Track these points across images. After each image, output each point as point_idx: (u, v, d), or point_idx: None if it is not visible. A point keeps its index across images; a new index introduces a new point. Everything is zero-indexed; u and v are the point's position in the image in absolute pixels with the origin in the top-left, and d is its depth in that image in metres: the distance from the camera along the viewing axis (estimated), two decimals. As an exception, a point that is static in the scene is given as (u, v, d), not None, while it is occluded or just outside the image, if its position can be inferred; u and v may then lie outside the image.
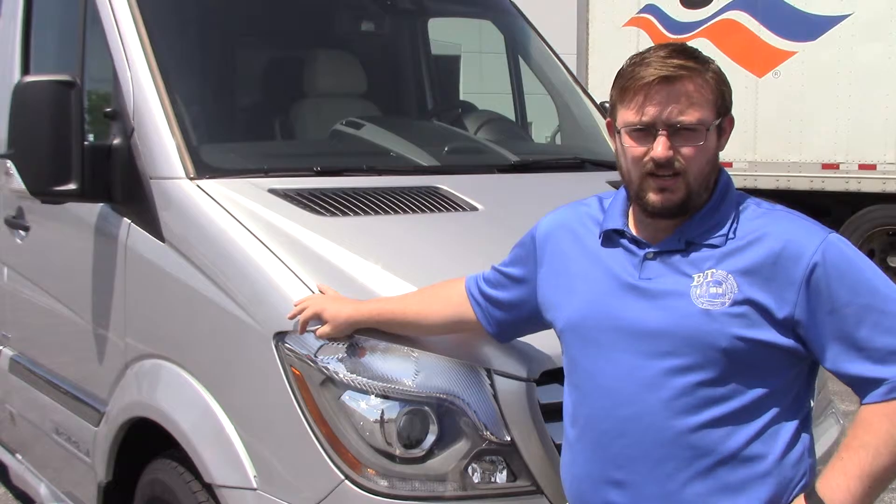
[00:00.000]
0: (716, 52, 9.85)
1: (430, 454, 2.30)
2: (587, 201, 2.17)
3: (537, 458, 2.33)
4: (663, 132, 1.88)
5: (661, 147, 1.88)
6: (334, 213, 2.81)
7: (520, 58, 4.74)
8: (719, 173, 2.00)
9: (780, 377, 1.89)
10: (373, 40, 4.69)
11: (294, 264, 2.55)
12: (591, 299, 2.01)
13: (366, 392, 2.33)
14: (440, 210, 2.99)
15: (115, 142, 3.06)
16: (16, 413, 4.14)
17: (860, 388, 1.85)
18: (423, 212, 2.95)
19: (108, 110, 3.15)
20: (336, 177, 3.15)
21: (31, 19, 4.01)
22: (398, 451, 2.30)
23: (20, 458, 4.20)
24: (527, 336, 2.36)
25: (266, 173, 3.04)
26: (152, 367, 2.93)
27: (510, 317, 2.28)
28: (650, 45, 2.05)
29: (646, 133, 1.90)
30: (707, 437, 1.86)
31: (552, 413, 2.30)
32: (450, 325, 2.36)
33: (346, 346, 2.37)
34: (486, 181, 3.40)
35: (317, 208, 2.81)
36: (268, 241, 2.62)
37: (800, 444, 1.92)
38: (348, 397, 2.34)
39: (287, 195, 2.86)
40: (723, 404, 1.86)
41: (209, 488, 2.62)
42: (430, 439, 2.31)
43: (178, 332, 2.87)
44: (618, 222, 2.03)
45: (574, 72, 5.54)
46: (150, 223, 2.94)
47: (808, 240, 1.86)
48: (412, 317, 2.34)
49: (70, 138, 2.90)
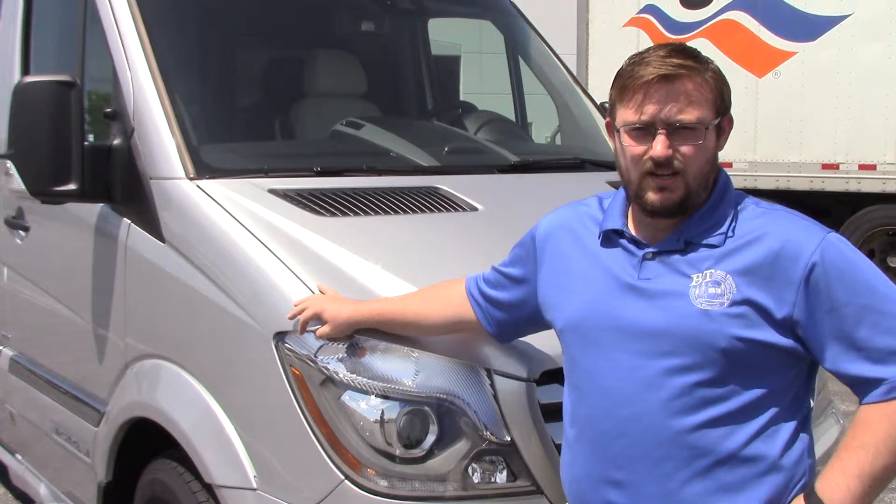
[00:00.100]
0: (716, 53, 9.84)
1: (430, 454, 2.30)
2: (587, 201, 2.17)
3: (537, 459, 2.33)
4: (662, 131, 1.88)
5: (660, 146, 1.88)
6: (334, 214, 2.81)
7: (520, 58, 4.73)
8: (718, 173, 1.99)
9: (779, 377, 1.89)
10: (373, 40, 4.69)
11: (294, 264, 2.55)
12: (590, 299, 2.01)
13: (366, 392, 2.33)
14: (440, 210, 2.99)
15: (115, 142, 3.07)
16: (16, 413, 4.14)
17: (859, 388, 1.85)
18: (423, 212, 2.95)
19: (108, 110, 3.15)
20: (336, 177, 3.15)
21: (31, 19, 4.01)
22: (398, 451, 2.30)
23: (20, 458, 4.20)
24: (527, 336, 2.36)
25: (266, 173, 3.04)
26: (152, 367, 2.93)
27: (510, 317, 2.28)
28: (650, 45, 2.04)
29: (645, 132, 1.90)
30: (706, 436, 1.86)
31: (552, 413, 2.29)
32: (450, 326, 2.36)
33: (346, 346, 2.37)
34: (486, 181, 3.40)
35: (317, 208, 2.81)
36: (268, 242, 2.62)
37: (799, 444, 1.92)
38: (348, 397, 2.34)
39: (287, 195, 2.86)
40: (722, 404, 1.86)
41: (209, 488, 2.62)
42: (430, 439, 2.31)
43: (178, 333, 2.87)
44: (617, 222, 2.03)
45: (574, 72, 5.54)
46: (150, 223, 2.94)
47: (806, 239, 1.86)
48: (412, 317, 2.34)
49: (70, 138, 2.91)
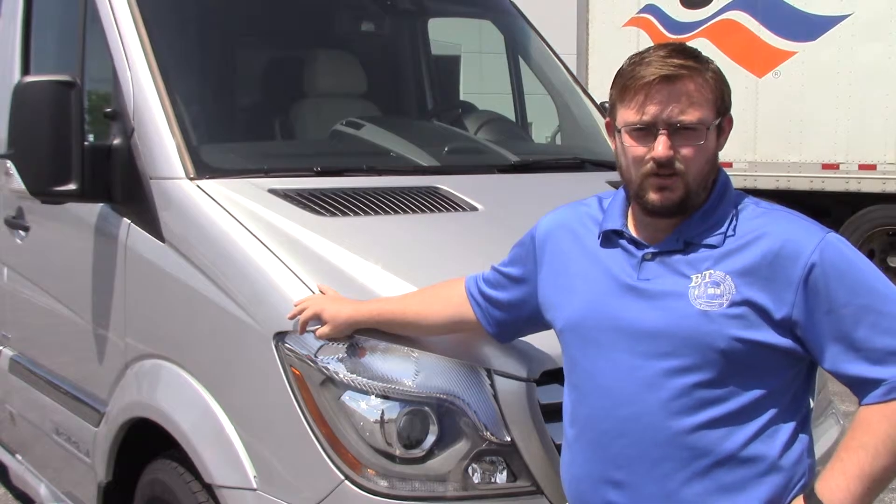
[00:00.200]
0: (716, 53, 9.84)
1: (430, 454, 2.30)
2: (587, 201, 2.17)
3: (537, 459, 2.33)
4: (664, 131, 1.88)
5: (661, 146, 1.88)
6: (334, 213, 2.81)
7: (520, 58, 4.73)
8: (717, 173, 1.99)
9: (778, 377, 1.89)
10: (373, 40, 4.68)
11: (294, 264, 2.55)
12: (590, 299, 2.01)
13: (366, 392, 2.33)
14: (440, 210, 2.99)
15: (115, 142, 3.07)
16: (16, 413, 4.14)
17: (858, 388, 1.85)
18: (423, 212, 2.95)
19: (108, 110, 3.15)
20: (336, 177, 3.15)
21: (31, 19, 4.01)
22: (398, 451, 2.30)
23: (20, 458, 4.20)
24: (527, 336, 2.35)
25: (266, 173, 3.04)
26: (152, 367, 2.93)
27: (510, 317, 2.28)
28: (650, 45, 2.04)
29: (646, 132, 1.90)
30: (705, 437, 1.86)
31: (552, 413, 2.29)
32: (450, 326, 2.36)
33: (346, 346, 2.37)
34: (486, 181, 3.40)
35: (317, 208, 2.81)
36: (268, 242, 2.62)
37: (799, 444, 1.92)
38: (348, 397, 2.34)
39: (287, 195, 2.86)
40: (721, 405, 1.86)
41: (209, 488, 2.62)
42: (430, 439, 2.31)
43: (178, 333, 2.87)
44: (617, 223, 2.03)
45: (574, 72, 5.54)
46: (150, 223, 2.94)
47: (806, 239, 1.85)
48: (412, 317, 2.34)
49: (70, 138, 2.90)
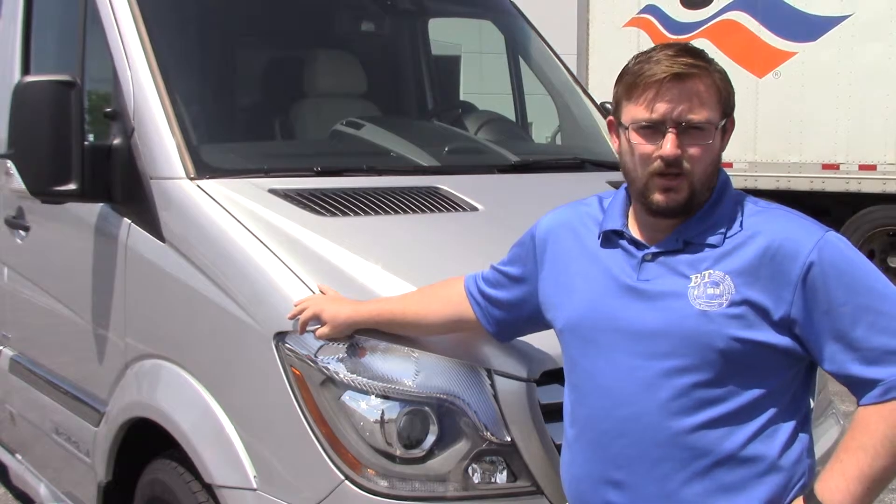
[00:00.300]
0: (716, 53, 9.73)
1: (430, 454, 2.30)
2: (587, 201, 2.17)
3: (537, 459, 2.33)
4: (672, 130, 1.87)
5: (670, 145, 1.87)
6: (334, 213, 2.81)
7: (520, 58, 4.73)
8: (717, 173, 1.99)
9: (777, 377, 1.89)
10: (373, 40, 4.68)
11: (294, 264, 2.55)
12: (590, 299, 2.01)
13: (366, 392, 2.32)
14: (440, 210, 2.99)
15: (115, 142, 3.06)
16: (16, 413, 4.14)
17: (856, 388, 1.85)
18: (423, 212, 2.95)
19: (108, 110, 3.15)
20: (336, 177, 3.15)
21: (31, 19, 4.00)
22: (398, 451, 2.29)
23: (20, 458, 4.20)
24: (527, 336, 2.35)
25: (266, 173, 3.04)
26: (152, 367, 2.93)
27: (510, 316, 2.28)
28: (650, 45, 2.04)
29: (654, 130, 1.89)
30: (705, 437, 1.86)
31: (552, 413, 2.29)
32: (449, 325, 2.36)
33: (346, 346, 2.37)
34: (486, 181, 3.40)
35: (317, 208, 2.81)
36: (268, 242, 2.62)
37: (798, 444, 1.92)
38: (348, 397, 2.33)
39: (287, 195, 2.86)
40: (720, 405, 1.86)
41: (209, 488, 2.61)
42: (430, 439, 2.31)
43: (178, 333, 2.87)
44: (617, 223, 2.03)
45: (574, 72, 5.54)
46: (151, 223, 2.94)
47: (804, 238, 1.85)
48: (412, 317, 2.34)
49: (70, 138, 2.90)
